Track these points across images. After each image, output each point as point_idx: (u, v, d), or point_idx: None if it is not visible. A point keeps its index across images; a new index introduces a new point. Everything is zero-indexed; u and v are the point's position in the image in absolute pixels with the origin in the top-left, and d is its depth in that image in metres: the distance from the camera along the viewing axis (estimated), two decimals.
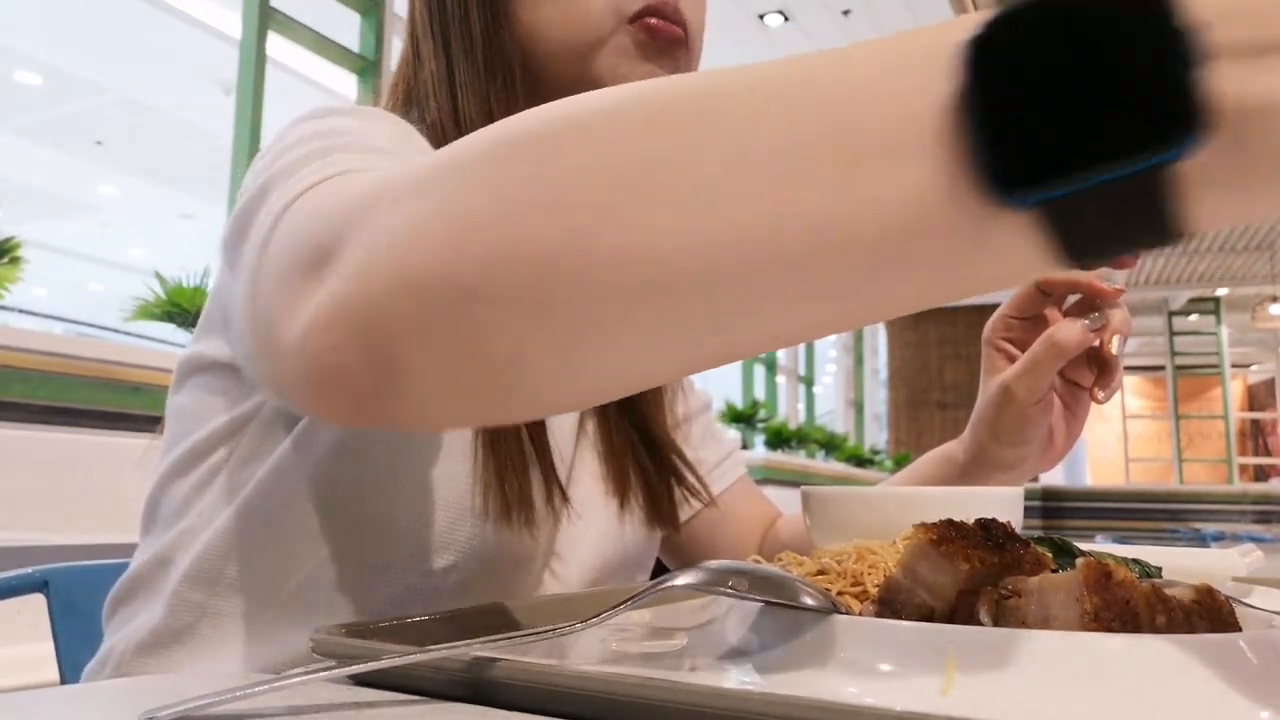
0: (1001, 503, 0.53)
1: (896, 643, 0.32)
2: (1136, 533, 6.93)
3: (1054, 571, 0.35)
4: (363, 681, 0.36)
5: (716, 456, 0.81)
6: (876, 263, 0.26)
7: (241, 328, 0.46)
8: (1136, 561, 0.46)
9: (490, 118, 0.28)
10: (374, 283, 0.33)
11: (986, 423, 0.66)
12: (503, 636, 0.35)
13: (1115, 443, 10.35)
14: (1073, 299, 0.64)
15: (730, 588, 0.36)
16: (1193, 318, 9.58)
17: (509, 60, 0.64)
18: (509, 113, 0.32)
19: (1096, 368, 0.65)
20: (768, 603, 0.36)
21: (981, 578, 0.34)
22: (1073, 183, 0.22)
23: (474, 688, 0.33)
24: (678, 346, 0.30)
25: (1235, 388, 11.25)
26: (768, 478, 4.83)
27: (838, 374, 9.79)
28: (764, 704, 0.27)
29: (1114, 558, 0.40)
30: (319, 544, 0.57)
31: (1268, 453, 11.83)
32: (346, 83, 3.75)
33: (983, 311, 1.23)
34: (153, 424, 0.66)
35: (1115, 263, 0.67)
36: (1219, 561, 0.52)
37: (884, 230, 0.25)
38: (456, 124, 0.62)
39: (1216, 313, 9.31)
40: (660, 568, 0.78)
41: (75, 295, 9.99)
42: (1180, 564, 0.48)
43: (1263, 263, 8.10)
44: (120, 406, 2.14)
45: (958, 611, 0.35)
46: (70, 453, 2.04)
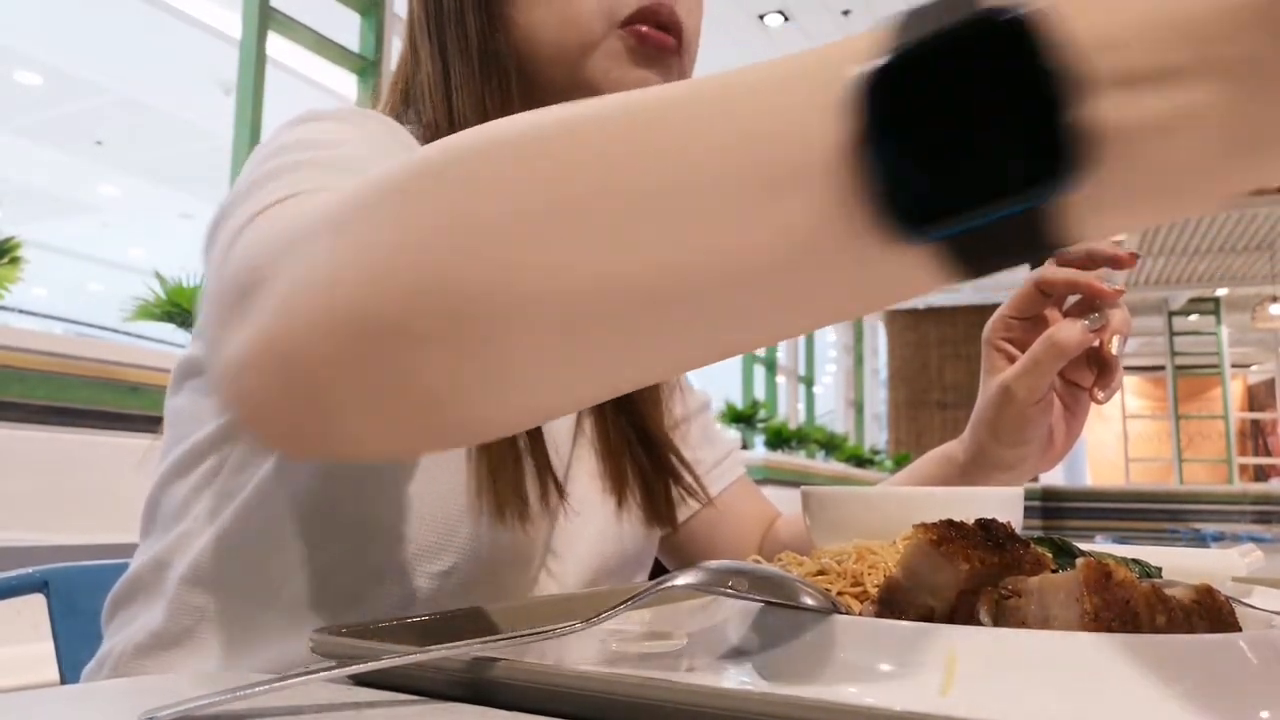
0: (1001, 503, 0.53)
1: (896, 643, 0.32)
2: (1136, 533, 6.92)
3: (1054, 571, 0.35)
4: (363, 682, 0.36)
5: (715, 456, 0.81)
6: (779, 293, 0.27)
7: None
8: (1136, 561, 0.46)
9: (485, 119, 0.28)
10: (296, 319, 0.33)
11: (986, 423, 0.66)
12: (503, 637, 0.35)
13: (1115, 443, 10.35)
14: (1073, 299, 0.64)
15: (730, 588, 0.36)
16: (1193, 318, 9.58)
17: (504, 62, 0.64)
18: (504, 114, 0.32)
19: (1096, 368, 0.65)
20: (768, 603, 0.36)
21: (981, 578, 0.34)
22: (968, 220, 0.23)
23: (474, 688, 0.33)
24: (604, 372, 0.30)
25: (1235, 388, 11.24)
26: (767, 478, 4.83)
27: (838, 374, 9.80)
28: (764, 704, 0.27)
29: (1114, 558, 0.40)
30: (317, 548, 0.57)
31: (1268, 453, 11.83)
32: (346, 83, 3.75)
33: (983, 311, 1.23)
34: (152, 424, 0.66)
35: (1115, 263, 0.67)
36: (1219, 561, 0.52)
37: (786, 263, 0.26)
38: (451, 125, 0.62)
39: (1216, 313, 9.30)
40: (659, 568, 0.78)
41: (75, 295, 10.00)
42: (1180, 564, 0.48)
43: (1263, 263, 8.10)
44: (120, 406, 2.14)
45: (958, 611, 0.35)
46: (70, 453, 2.04)
